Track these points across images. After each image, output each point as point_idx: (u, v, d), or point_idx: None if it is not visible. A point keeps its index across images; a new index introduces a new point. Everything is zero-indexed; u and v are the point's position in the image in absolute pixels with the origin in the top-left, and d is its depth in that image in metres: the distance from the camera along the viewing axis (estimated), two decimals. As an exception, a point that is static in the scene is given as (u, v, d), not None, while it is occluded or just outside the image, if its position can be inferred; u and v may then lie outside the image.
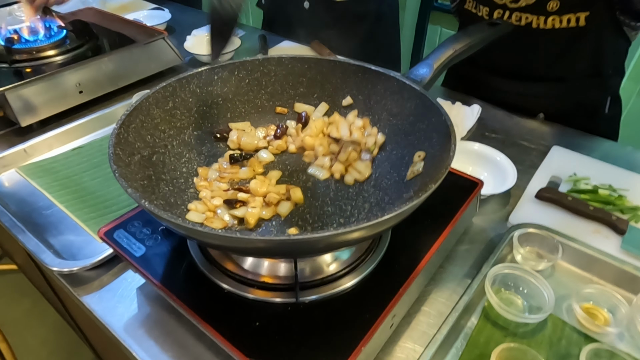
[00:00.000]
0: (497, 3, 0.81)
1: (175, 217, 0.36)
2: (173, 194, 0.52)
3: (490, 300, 0.53)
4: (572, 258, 0.60)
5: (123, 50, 0.95)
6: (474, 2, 0.87)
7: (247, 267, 0.49)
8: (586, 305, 0.55)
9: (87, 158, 0.80)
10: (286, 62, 0.61)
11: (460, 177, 0.62)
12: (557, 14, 0.76)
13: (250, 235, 0.39)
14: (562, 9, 0.76)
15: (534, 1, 0.77)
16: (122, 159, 0.44)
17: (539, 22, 0.78)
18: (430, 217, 0.55)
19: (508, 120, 0.90)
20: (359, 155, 0.57)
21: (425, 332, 0.52)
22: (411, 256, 0.51)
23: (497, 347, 0.48)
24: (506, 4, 0.80)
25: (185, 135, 0.57)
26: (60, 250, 0.63)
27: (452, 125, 0.45)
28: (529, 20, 0.79)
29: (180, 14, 1.38)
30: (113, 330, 0.52)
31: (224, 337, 0.43)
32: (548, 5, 0.76)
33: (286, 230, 0.50)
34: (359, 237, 0.41)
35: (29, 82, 0.82)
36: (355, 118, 0.60)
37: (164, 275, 0.49)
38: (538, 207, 0.68)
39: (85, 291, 0.57)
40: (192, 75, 0.56)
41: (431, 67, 0.54)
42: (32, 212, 0.70)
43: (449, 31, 2.23)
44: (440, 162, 0.43)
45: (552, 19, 0.77)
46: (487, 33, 0.59)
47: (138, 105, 0.49)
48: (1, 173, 0.77)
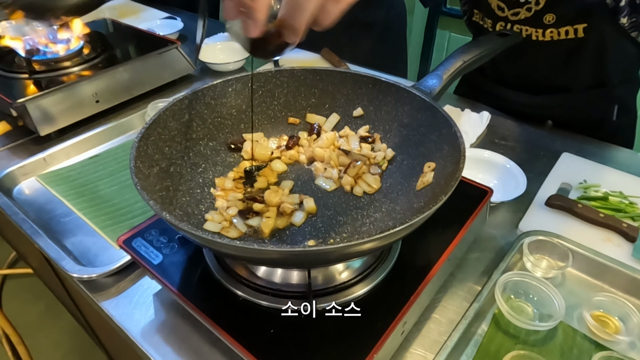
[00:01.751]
0: (499, 16, 0.83)
1: (193, 228, 0.38)
2: (190, 204, 0.53)
3: (500, 307, 0.53)
4: (583, 266, 0.60)
5: (137, 60, 0.97)
6: (480, 14, 0.89)
7: (261, 274, 0.51)
8: (597, 313, 0.55)
9: (103, 166, 0.83)
10: (298, 74, 0.62)
11: (470, 186, 0.62)
12: (554, 26, 0.77)
13: (266, 246, 0.41)
14: (559, 22, 0.77)
15: (531, 14, 0.78)
16: (142, 171, 0.46)
17: (538, 34, 0.79)
18: (441, 225, 0.56)
19: (517, 127, 0.91)
20: (368, 169, 0.58)
21: (436, 340, 0.53)
22: (422, 264, 0.52)
23: (508, 355, 0.49)
24: (507, 17, 0.81)
25: (200, 146, 0.59)
26: (79, 257, 0.65)
27: (462, 137, 0.46)
28: (529, 33, 0.80)
29: (192, 23, 1.40)
30: (131, 335, 0.54)
31: (240, 343, 0.44)
32: (544, 19, 0.77)
33: (299, 240, 0.51)
34: (371, 248, 0.42)
35: (48, 92, 0.85)
36: (365, 133, 0.62)
37: (180, 283, 0.51)
38: (548, 215, 0.68)
39: (103, 297, 0.58)
40: (207, 88, 0.58)
41: (440, 78, 0.55)
42: (51, 219, 0.72)
43: (458, 36, 2.23)
44: (451, 174, 0.44)
45: (550, 31, 0.78)
46: (497, 44, 0.60)
47: (156, 118, 0.51)
48: (21, 181, 0.79)
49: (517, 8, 0.79)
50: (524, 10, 0.78)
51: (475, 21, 0.91)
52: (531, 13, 0.78)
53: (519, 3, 0.79)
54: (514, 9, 0.80)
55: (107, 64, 0.95)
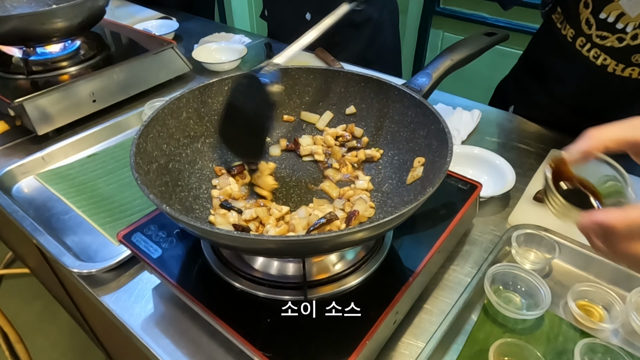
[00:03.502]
0: (583, 31, 0.74)
1: (192, 220, 0.39)
2: (188, 198, 0.55)
3: (489, 298, 0.55)
4: (569, 257, 0.62)
5: (134, 60, 0.98)
6: (561, 16, 0.79)
7: (257, 267, 0.52)
8: (582, 303, 0.57)
9: (101, 165, 0.84)
10: (292, 73, 0.64)
11: (460, 180, 0.64)
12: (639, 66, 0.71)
13: (262, 236, 0.42)
14: None
15: (621, 46, 0.70)
16: (142, 167, 0.47)
17: (617, 68, 0.72)
18: (432, 218, 0.58)
19: (507, 125, 0.93)
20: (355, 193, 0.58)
21: (427, 329, 0.55)
22: (413, 256, 0.54)
23: (495, 343, 0.51)
24: (592, 36, 0.73)
25: (198, 143, 0.60)
26: (79, 253, 0.66)
27: (450, 133, 0.48)
28: (606, 63, 0.73)
29: (187, 23, 1.42)
30: (131, 328, 0.55)
31: (238, 333, 0.46)
32: (633, 57, 0.71)
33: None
34: (363, 238, 0.43)
35: (45, 92, 0.86)
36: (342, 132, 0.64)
37: (179, 276, 0.52)
38: (536, 209, 0.71)
39: (103, 292, 0.60)
40: (203, 86, 0.59)
41: (430, 76, 0.57)
42: (50, 217, 0.73)
43: (451, 35, 2.25)
44: (439, 168, 0.46)
45: (632, 69, 0.71)
46: (484, 43, 0.62)
47: (155, 116, 0.52)
48: (21, 180, 0.80)
49: (607, 32, 0.70)
50: (613, 38, 0.70)
51: (554, 21, 0.81)
52: (621, 45, 0.70)
53: (613, 28, 0.69)
54: (603, 31, 0.71)
55: (104, 64, 0.96)
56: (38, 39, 0.90)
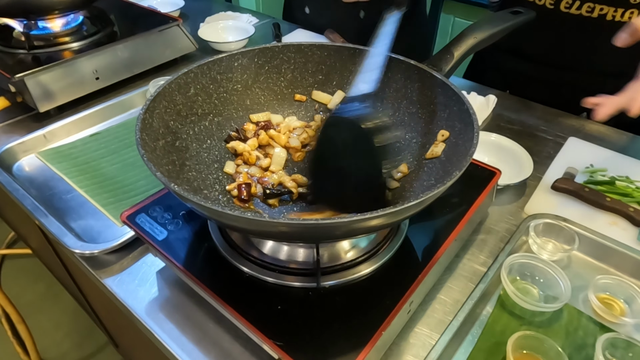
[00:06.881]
0: None
1: (202, 200, 0.37)
2: (196, 178, 0.53)
3: (506, 288, 0.53)
4: (589, 249, 0.60)
5: (138, 37, 0.95)
6: None
7: (267, 251, 0.50)
8: (602, 296, 0.55)
9: (104, 144, 0.81)
10: (305, 50, 0.61)
11: (477, 167, 0.62)
12: (638, 7, 0.70)
13: (276, 219, 0.40)
14: None
15: None
16: (148, 144, 0.45)
17: (616, 14, 0.72)
18: (448, 206, 0.56)
19: (524, 111, 0.90)
20: None
21: (441, 320, 0.53)
22: (428, 245, 0.52)
23: (513, 335, 0.49)
24: None
25: (206, 121, 0.58)
26: (81, 234, 0.64)
27: (475, 114, 0.45)
28: (604, 12, 0.73)
29: (193, 1, 1.37)
30: (135, 312, 0.54)
31: (246, 319, 0.44)
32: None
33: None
34: (380, 224, 0.41)
35: (47, 67, 0.83)
36: None
37: (185, 259, 0.50)
38: (554, 198, 0.68)
39: (106, 274, 0.58)
40: (212, 61, 0.56)
41: (452, 54, 0.54)
42: (52, 196, 0.71)
43: (462, 20, 2.20)
44: (464, 151, 0.43)
45: (631, 12, 0.71)
46: (510, 21, 0.59)
47: (161, 91, 0.50)
48: (21, 158, 0.78)
49: None
50: None
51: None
52: None
53: None
54: None
55: (108, 41, 0.92)
56: (40, 11, 0.87)
